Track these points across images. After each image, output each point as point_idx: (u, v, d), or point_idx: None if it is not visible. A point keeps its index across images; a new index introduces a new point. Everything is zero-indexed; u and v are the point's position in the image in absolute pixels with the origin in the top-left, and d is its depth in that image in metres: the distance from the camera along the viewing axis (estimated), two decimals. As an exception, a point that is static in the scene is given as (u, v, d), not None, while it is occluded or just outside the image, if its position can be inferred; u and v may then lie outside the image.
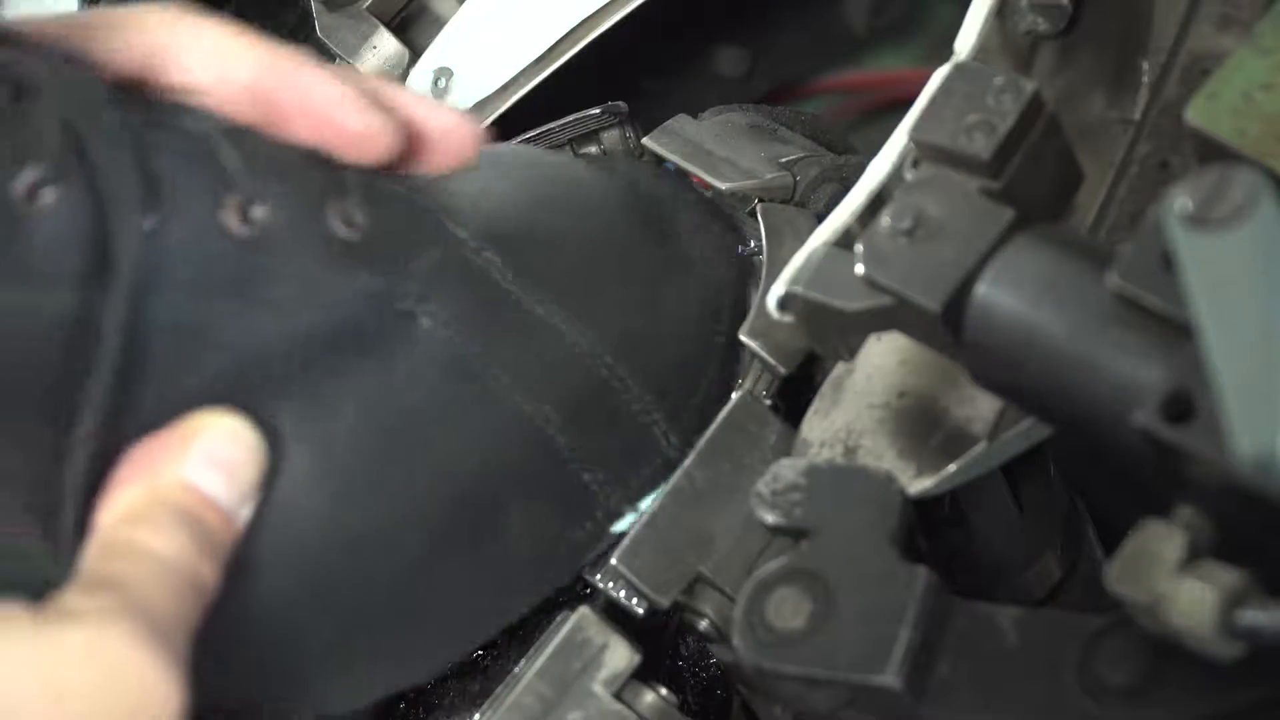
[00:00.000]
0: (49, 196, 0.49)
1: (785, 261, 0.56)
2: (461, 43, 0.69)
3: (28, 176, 0.49)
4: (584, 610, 0.56)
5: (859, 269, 0.50)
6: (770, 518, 0.53)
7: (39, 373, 0.49)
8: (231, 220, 0.52)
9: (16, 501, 0.51)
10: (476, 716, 0.58)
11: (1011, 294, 0.48)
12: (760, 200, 0.63)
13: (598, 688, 0.55)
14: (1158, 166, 0.55)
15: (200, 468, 0.51)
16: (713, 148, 0.65)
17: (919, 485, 0.53)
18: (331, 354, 0.54)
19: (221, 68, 0.54)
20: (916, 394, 0.54)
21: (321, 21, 0.70)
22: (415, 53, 0.70)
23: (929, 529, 0.55)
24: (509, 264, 0.57)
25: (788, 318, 0.54)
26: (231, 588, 0.51)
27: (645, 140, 0.66)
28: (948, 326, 0.49)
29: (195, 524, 0.50)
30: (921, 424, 0.53)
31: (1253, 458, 0.41)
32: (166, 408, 0.52)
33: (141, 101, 0.53)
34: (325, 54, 0.71)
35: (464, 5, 0.69)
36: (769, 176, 0.63)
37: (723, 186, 0.63)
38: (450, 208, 0.57)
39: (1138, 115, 0.56)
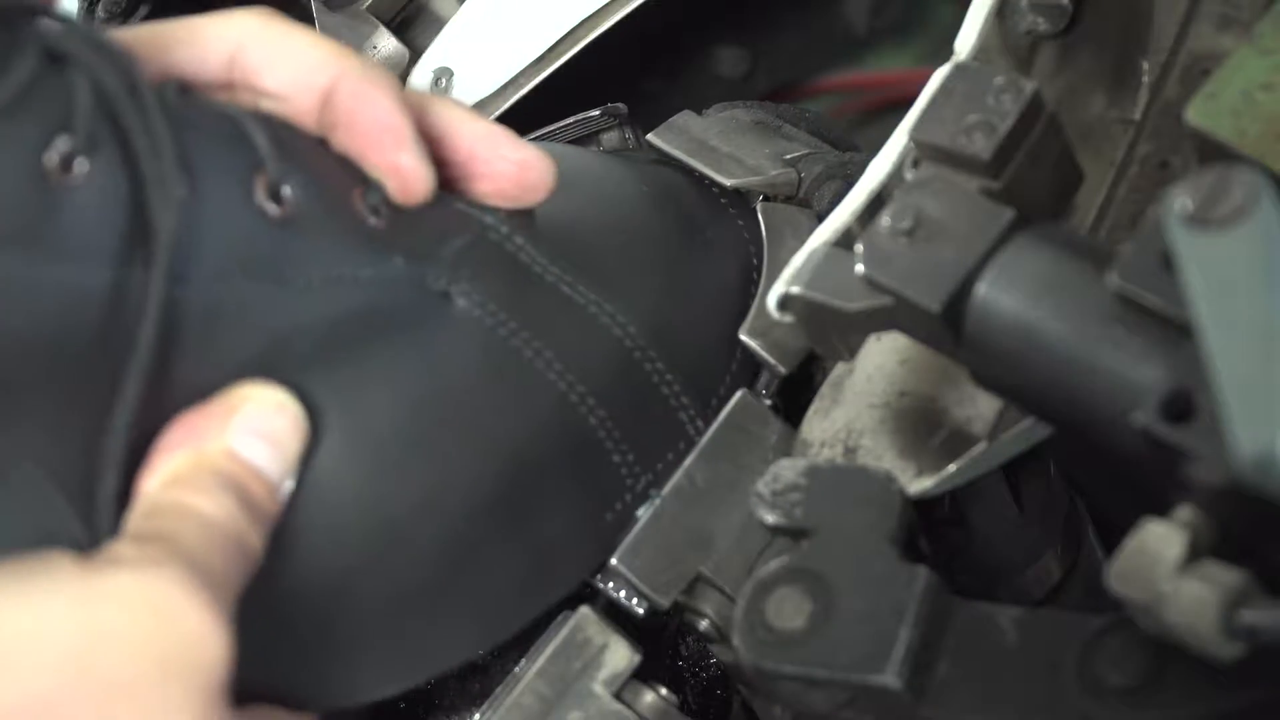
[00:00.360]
0: (82, 167, 0.49)
1: (785, 261, 0.56)
2: (461, 43, 0.69)
3: (61, 146, 0.48)
4: (584, 610, 0.56)
5: (859, 269, 0.50)
6: (770, 518, 0.53)
7: (72, 348, 0.49)
8: (263, 199, 0.52)
9: (45, 477, 0.50)
10: (476, 716, 0.58)
11: (1011, 294, 0.48)
12: (765, 197, 0.63)
13: (598, 688, 0.55)
14: (1158, 166, 0.55)
15: (245, 437, 0.51)
16: (717, 144, 0.65)
17: (919, 485, 0.53)
18: (366, 333, 0.54)
19: (302, 75, 0.54)
20: (916, 394, 0.54)
21: (321, 21, 0.70)
22: (415, 53, 0.70)
23: (929, 529, 0.55)
24: (539, 249, 0.57)
25: (788, 318, 0.54)
26: (270, 563, 0.51)
27: (650, 136, 0.66)
28: (948, 326, 0.49)
29: (242, 490, 0.50)
30: (922, 424, 0.53)
31: (1253, 458, 0.41)
32: (205, 382, 0.51)
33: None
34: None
35: (464, 5, 0.69)
36: (774, 173, 0.63)
37: (727, 183, 0.63)
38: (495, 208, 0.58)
39: (1138, 115, 0.56)
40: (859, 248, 0.50)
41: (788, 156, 0.64)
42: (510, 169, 0.57)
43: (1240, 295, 0.43)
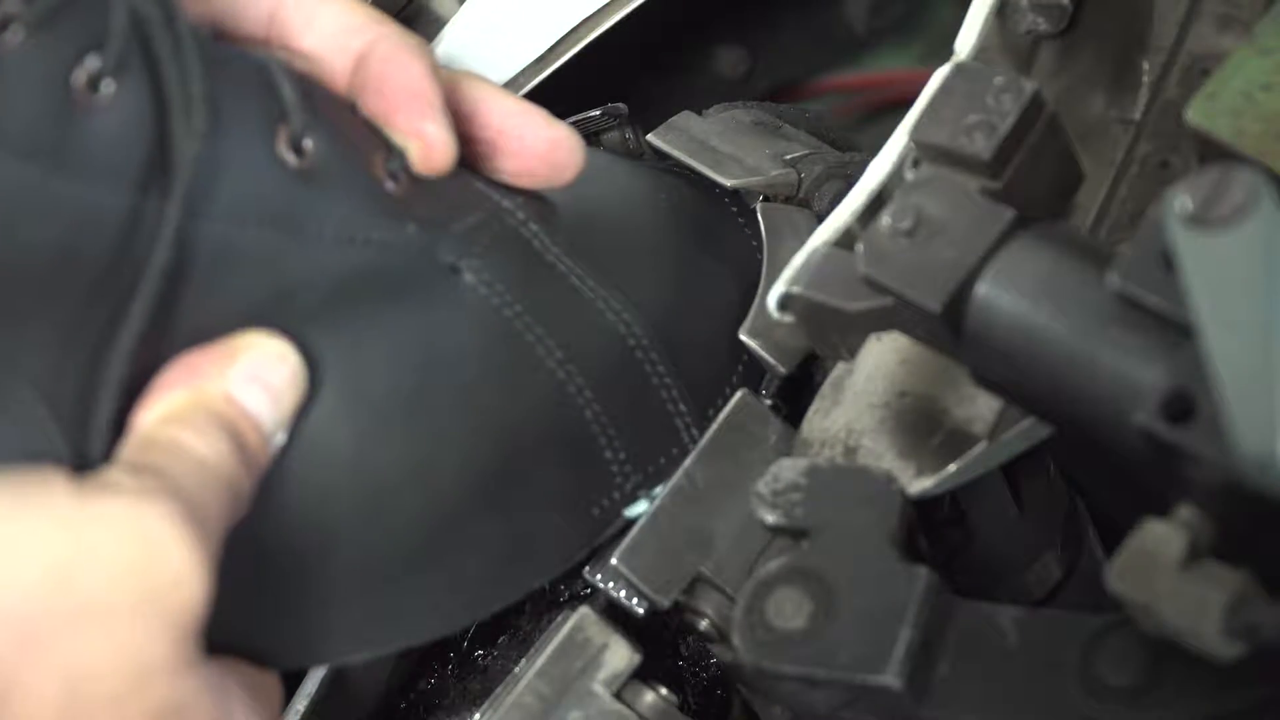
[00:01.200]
0: (109, 88, 0.49)
1: (785, 262, 0.56)
2: (461, 43, 0.69)
3: (90, 65, 0.48)
4: (584, 610, 0.56)
5: (860, 269, 0.50)
6: (770, 518, 0.53)
7: (80, 270, 0.49)
8: (284, 149, 0.52)
9: (40, 402, 0.49)
10: (477, 716, 0.57)
11: (1012, 294, 0.48)
12: (765, 197, 0.63)
13: (598, 687, 0.55)
14: (1158, 166, 0.55)
15: (244, 384, 0.51)
16: (717, 144, 0.65)
17: (919, 485, 0.52)
18: (372, 296, 0.54)
19: (338, 37, 0.55)
20: (916, 394, 0.54)
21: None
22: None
23: (929, 529, 0.55)
24: (552, 236, 0.58)
25: (788, 318, 0.54)
26: (252, 515, 0.51)
27: (650, 137, 0.66)
28: (948, 326, 0.49)
29: (237, 434, 0.50)
30: (922, 424, 0.53)
31: (1253, 458, 0.41)
32: (207, 324, 0.51)
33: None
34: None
35: (464, 5, 0.69)
36: (774, 173, 0.63)
37: (728, 184, 0.63)
38: (509, 191, 0.58)
39: (1138, 115, 0.56)
40: (859, 248, 0.50)
41: (788, 157, 0.64)
42: (540, 146, 0.57)
43: (1240, 295, 0.42)
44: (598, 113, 0.69)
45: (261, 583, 0.52)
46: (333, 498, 0.53)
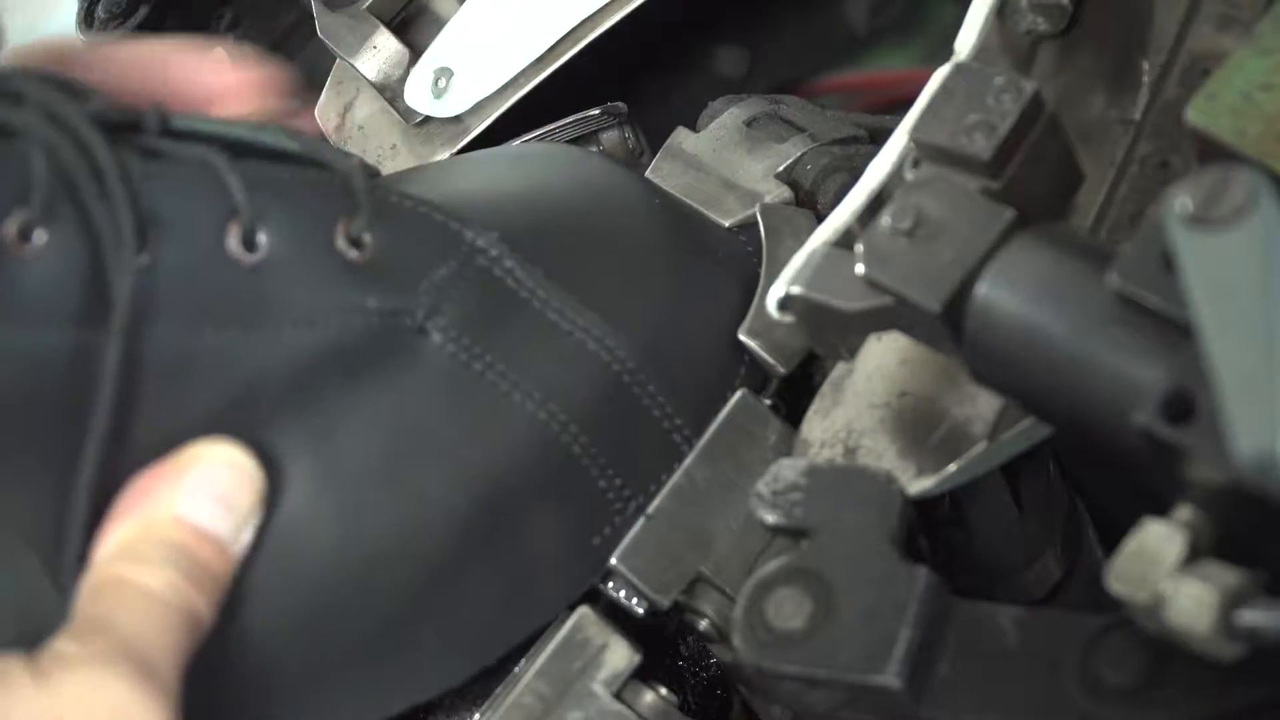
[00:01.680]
0: (41, 238, 0.50)
1: (784, 261, 0.56)
2: (461, 43, 0.69)
3: (18, 217, 0.50)
4: (584, 610, 0.56)
5: (859, 269, 0.50)
6: (770, 518, 0.53)
7: (38, 411, 0.50)
8: (235, 247, 0.53)
9: (20, 539, 0.51)
10: (476, 716, 0.57)
11: (1012, 294, 0.48)
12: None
13: (597, 687, 0.55)
14: (1158, 166, 0.55)
15: (194, 500, 0.51)
16: (714, 166, 0.65)
17: (919, 485, 0.52)
18: (336, 375, 0.54)
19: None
20: (916, 394, 0.54)
21: (321, 21, 0.70)
22: (415, 52, 0.69)
23: (929, 529, 0.55)
24: (529, 270, 0.57)
25: (788, 318, 0.54)
26: (235, 612, 0.52)
27: (649, 174, 0.66)
28: (948, 326, 0.49)
29: (187, 558, 0.50)
30: (922, 424, 0.53)
31: (1253, 458, 0.41)
32: (168, 436, 0.52)
33: (141, 128, 0.54)
34: (325, 53, 0.71)
35: (464, 5, 0.69)
36: (768, 198, 0.63)
37: (725, 223, 0.63)
38: (469, 215, 0.57)
39: (1138, 115, 0.55)
40: (859, 248, 0.50)
41: (780, 169, 0.64)
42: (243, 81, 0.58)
43: (1240, 295, 0.43)
44: (597, 112, 0.69)
45: (255, 674, 0.53)
46: (318, 578, 0.54)
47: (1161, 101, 0.55)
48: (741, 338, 0.59)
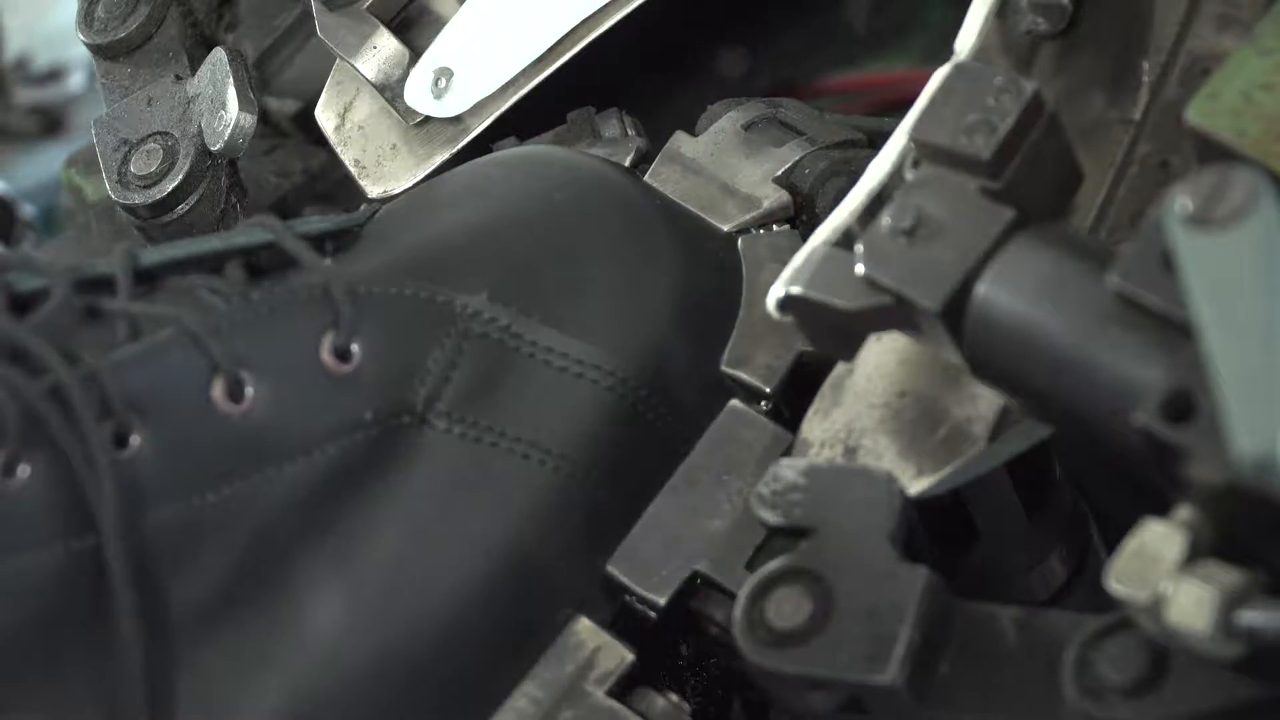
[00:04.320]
0: (24, 472, 0.51)
1: (766, 285, 0.55)
2: (461, 43, 0.68)
3: (2, 457, 0.51)
4: (578, 616, 0.56)
5: (859, 269, 0.50)
6: (771, 518, 0.53)
7: (57, 630, 0.51)
8: (222, 401, 0.53)
9: None
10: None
11: (1012, 294, 0.48)
12: (759, 229, 0.63)
13: (591, 688, 0.55)
14: (1158, 166, 0.55)
15: None
16: (712, 171, 0.64)
17: (919, 485, 0.52)
18: (343, 494, 0.54)
19: None
20: (916, 394, 0.54)
21: (322, 21, 0.69)
22: (415, 53, 0.69)
23: (931, 528, 0.55)
24: (521, 319, 0.56)
25: (788, 318, 0.54)
26: None
27: (647, 178, 0.65)
28: (948, 327, 0.49)
29: None
30: (922, 424, 0.53)
31: (1253, 458, 0.41)
32: (196, 604, 0.52)
33: (112, 287, 0.54)
34: (324, 54, 0.71)
35: (464, 5, 0.69)
36: (766, 204, 0.63)
37: (724, 228, 0.63)
38: (459, 275, 0.56)
39: (1138, 115, 0.55)
40: (859, 247, 0.50)
41: (779, 173, 0.64)
42: None
43: (1240, 295, 0.43)
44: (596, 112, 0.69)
45: None
46: (366, 698, 0.53)
47: (1161, 101, 0.55)
48: (724, 369, 0.58)
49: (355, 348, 0.54)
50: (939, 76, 0.52)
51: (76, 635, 0.51)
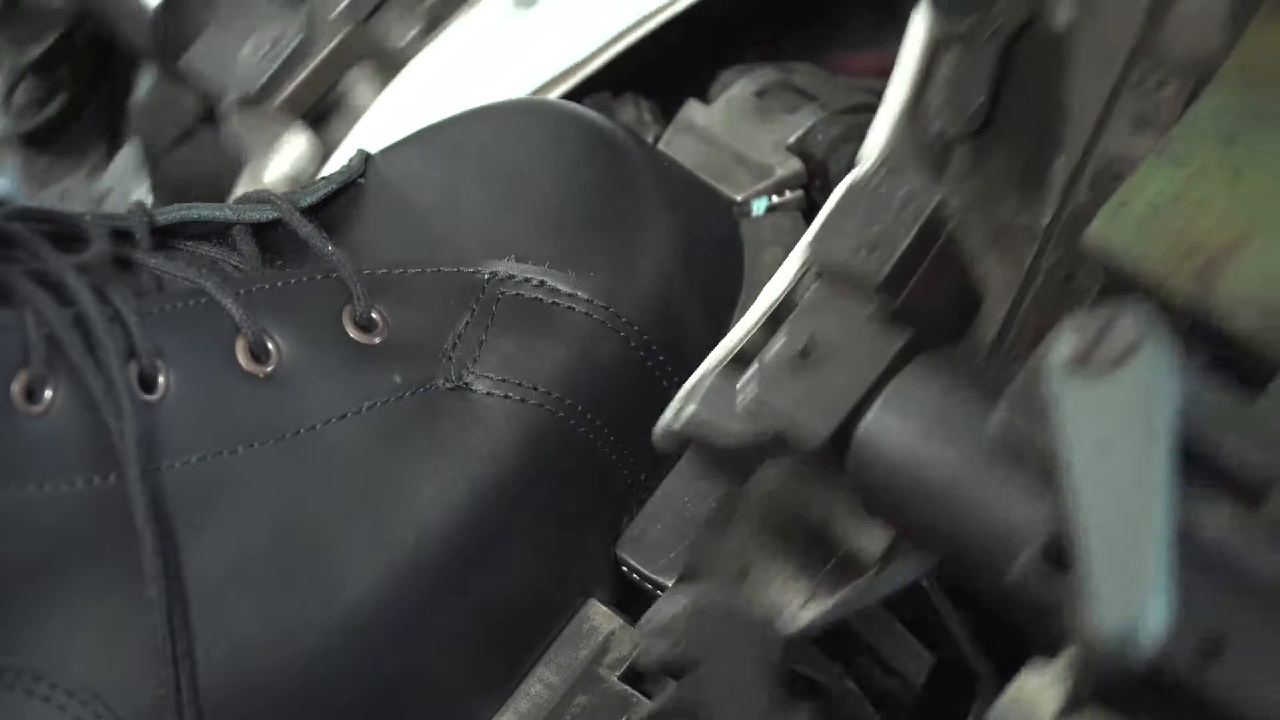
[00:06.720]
0: (46, 396, 0.52)
1: (767, 267, 0.55)
2: (378, 134, 0.68)
3: (22, 378, 0.52)
4: (591, 600, 0.56)
5: (739, 400, 0.49)
6: (652, 653, 0.52)
7: (79, 562, 0.51)
8: (245, 361, 0.53)
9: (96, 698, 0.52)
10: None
11: (899, 426, 0.47)
12: (775, 196, 0.62)
13: (604, 672, 0.55)
14: (1062, 280, 0.54)
15: None
16: (725, 139, 0.64)
17: (807, 614, 0.52)
18: (385, 457, 0.54)
19: None
20: (810, 517, 0.53)
21: (228, 124, 0.69)
22: (329, 148, 0.69)
23: (837, 657, 0.54)
24: (542, 277, 0.57)
25: (684, 434, 0.53)
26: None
27: (660, 146, 0.65)
28: (835, 456, 0.48)
29: None
30: (815, 549, 0.53)
31: (1115, 631, 0.39)
32: (228, 555, 0.52)
33: (136, 264, 0.55)
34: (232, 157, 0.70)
35: (380, 96, 0.68)
36: (779, 172, 0.63)
37: (738, 198, 0.62)
38: (486, 245, 0.57)
39: (1046, 221, 0.54)
40: (747, 376, 0.49)
41: (791, 140, 0.64)
42: None
43: (1111, 451, 0.41)
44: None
45: None
46: (396, 659, 0.54)
47: (1071, 207, 0.54)
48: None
49: (377, 317, 0.55)
50: (842, 187, 0.51)
51: (98, 572, 0.51)
